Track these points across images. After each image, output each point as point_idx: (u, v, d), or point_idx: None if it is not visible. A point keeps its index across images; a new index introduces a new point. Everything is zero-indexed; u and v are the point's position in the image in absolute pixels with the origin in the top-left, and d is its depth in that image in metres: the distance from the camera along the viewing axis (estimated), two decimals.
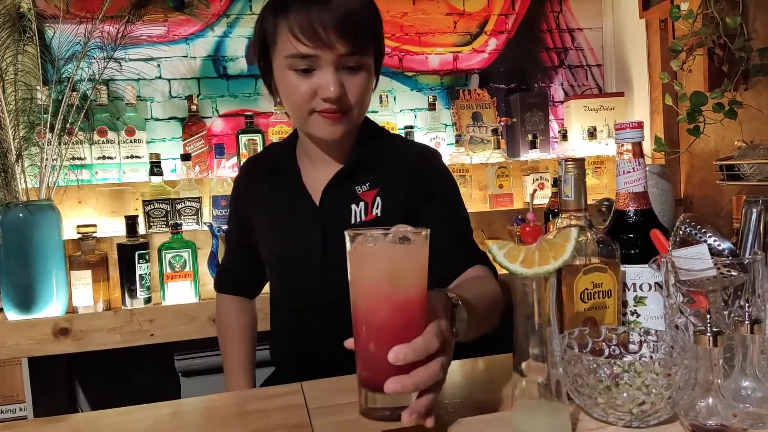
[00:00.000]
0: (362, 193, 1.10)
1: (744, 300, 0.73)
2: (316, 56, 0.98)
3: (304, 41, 0.96)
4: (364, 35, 1.01)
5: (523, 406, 0.65)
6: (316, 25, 0.95)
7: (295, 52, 0.98)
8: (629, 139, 0.84)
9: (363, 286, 0.68)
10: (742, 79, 1.88)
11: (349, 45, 0.98)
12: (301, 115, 1.04)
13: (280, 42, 1.00)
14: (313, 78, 0.99)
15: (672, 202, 2.12)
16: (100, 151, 2.03)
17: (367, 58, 1.03)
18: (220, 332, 1.31)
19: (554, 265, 0.63)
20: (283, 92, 1.06)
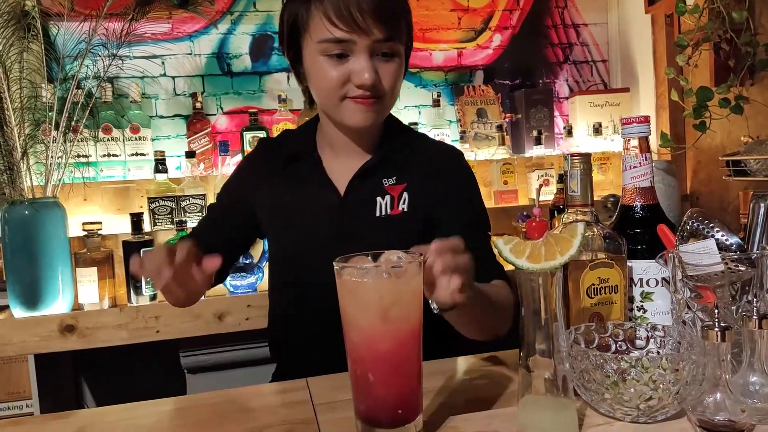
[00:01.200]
0: (389, 186, 1.08)
1: (752, 295, 0.72)
2: (351, 41, 0.95)
3: (340, 25, 0.94)
4: (399, 21, 0.99)
5: (529, 401, 0.65)
6: (352, 8, 0.93)
7: (329, 37, 0.95)
8: (636, 134, 0.83)
9: (355, 321, 0.67)
10: (748, 74, 1.87)
11: (385, 30, 0.95)
12: (331, 101, 1.01)
13: (312, 26, 0.97)
14: (347, 64, 0.97)
15: (678, 198, 2.11)
16: (105, 148, 2.03)
17: (401, 45, 1.01)
18: None
19: (561, 260, 0.62)
20: (313, 78, 1.02)
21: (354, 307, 0.66)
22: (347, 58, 0.97)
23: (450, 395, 0.82)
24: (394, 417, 0.66)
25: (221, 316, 1.76)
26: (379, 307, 0.65)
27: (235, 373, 1.83)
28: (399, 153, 1.09)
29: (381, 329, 0.65)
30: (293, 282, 1.12)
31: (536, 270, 0.63)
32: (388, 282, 0.65)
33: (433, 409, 0.77)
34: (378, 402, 0.66)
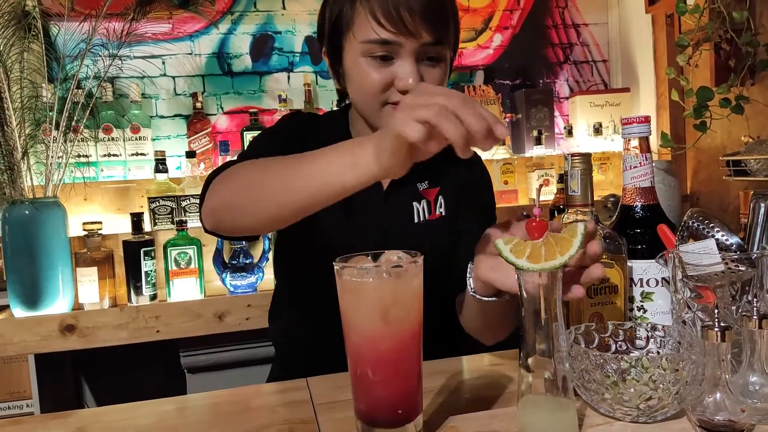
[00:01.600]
0: (424, 191, 1.05)
1: (752, 295, 0.72)
2: (397, 43, 0.89)
3: (387, 26, 0.88)
4: (449, 24, 0.94)
5: (529, 401, 0.65)
6: (401, 8, 0.87)
7: (374, 38, 0.89)
8: (636, 134, 0.83)
9: (355, 321, 0.66)
10: (748, 74, 1.87)
11: (434, 33, 0.90)
12: (370, 106, 0.96)
13: (357, 25, 0.92)
14: (391, 67, 0.91)
15: (678, 198, 2.11)
16: (106, 148, 2.03)
17: (448, 49, 0.95)
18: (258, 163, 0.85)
19: (561, 260, 0.62)
20: (353, 80, 0.96)
21: (354, 307, 0.66)
22: (391, 60, 0.91)
23: (450, 395, 0.82)
24: (394, 417, 0.66)
25: (221, 316, 1.76)
26: (379, 307, 0.65)
27: (235, 373, 1.83)
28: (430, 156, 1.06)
29: (381, 329, 0.65)
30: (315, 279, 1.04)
31: (536, 270, 0.63)
32: (389, 282, 0.65)
33: (433, 408, 0.77)
34: (378, 402, 0.66)
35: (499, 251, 0.65)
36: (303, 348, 1.12)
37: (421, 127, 0.61)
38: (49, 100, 1.83)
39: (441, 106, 0.61)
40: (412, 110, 0.62)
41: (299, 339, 1.12)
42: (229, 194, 0.84)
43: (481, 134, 0.61)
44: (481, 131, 0.61)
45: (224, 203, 0.84)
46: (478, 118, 0.61)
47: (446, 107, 0.61)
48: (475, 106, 0.62)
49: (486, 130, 0.61)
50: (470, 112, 0.61)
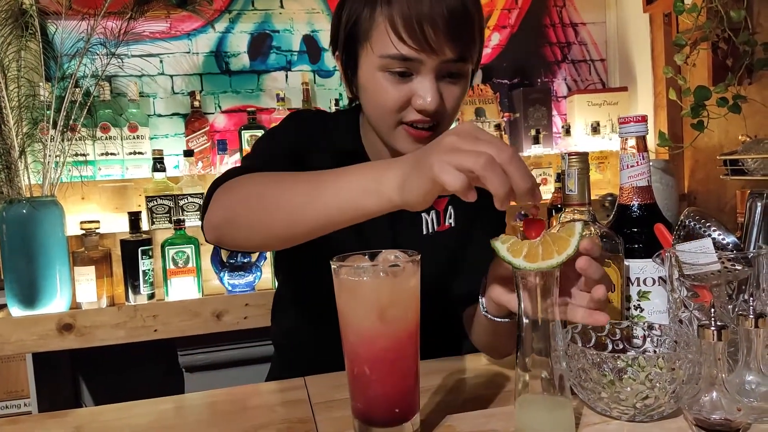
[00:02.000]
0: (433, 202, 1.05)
1: (748, 294, 0.72)
2: (419, 60, 0.84)
3: (408, 41, 0.83)
4: (475, 38, 0.88)
5: (526, 400, 0.65)
6: (425, 23, 0.81)
7: (394, 53, 0.84)
8: (633, 133, 0.83)
9: (352, 320, 0.66)
10: (746, 74, 1.88)
11: (457, 50, 0.85)
12: (385, 123, 0.91)
13: (375, 36, 0.86)
14: (409, 84, 0.87)
15: (676, 198, 2.12)
16: (103, 147, 2.03)
17: (470, 65, 0.90)
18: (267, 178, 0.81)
19: (558, 260, 0.62)
20: (369, 94, 0.91)
21: (351, 307, 0.66)
22: (410, 77, 0.87)
23: (447, 394, 0.82)
24: (391, 416, 0.66)
25: (219, 315, 1.76)
26: (376, 306, 0.65)
27: (233, 372, 1.83)
28: None
29: (378, 328, 0.65)
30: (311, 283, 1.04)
31: (534, 269, 0.62)
32: (386, 281, 0.65)
33: (430, 408, 0.77)
34: (375, 400, 0.66)
35: (496, 250, 0.65)
36: (304, 350, 1.11)
37: (464, 177, 0.58)
38: (47, 98, 1.82)
39: (490, 157, 0.58)
40: (456, 156, 0.59)
41: (301, 341, 1.12)
42: (236, 209, 0.79)
43: (525, 192, 0.59)
44: (525, 189, 0.59)
45: (230, 219, 0.80)
46: (526, 176, 0.59)
47: (495, 160, 0.58)
48: (521, 161, 0.60)
49: (530, 189, 0.59)
50: (518, 168, 0.58)
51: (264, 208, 0.75)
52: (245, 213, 0.77)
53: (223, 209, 0.81)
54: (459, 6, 0.83)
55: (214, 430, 0.77)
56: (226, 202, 0.81)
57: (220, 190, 0.83)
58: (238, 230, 0.80)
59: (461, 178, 0.58)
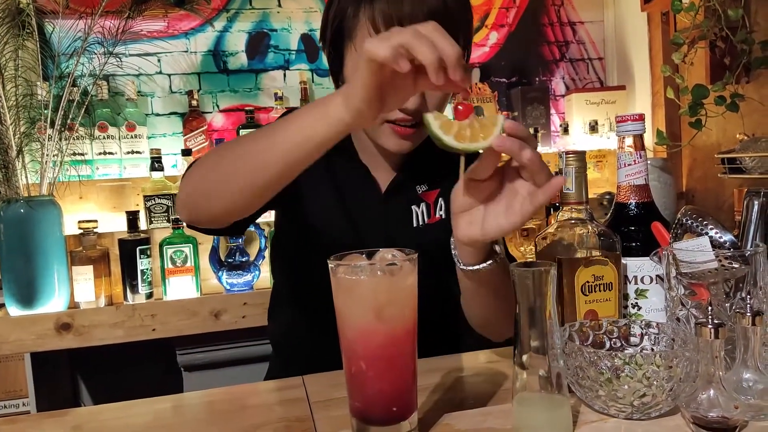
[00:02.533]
0: (423, 194, 1.03)
1: (745, 292, 0.73)
2: None
3: None
4: (459, 40, 0.86)
5: (524, 398, 0.65)
6: (405, 23, 0.81)
7: None
8: (631, 132, 0.84)
9: (350, 319, 0.67)
10: (743, 72, 1.88)
11: None
12: None
13: (359, 36, 0.88)
14: None
15: (674, 196, 2.12)
16: (101, 146, 2.03)
17: None
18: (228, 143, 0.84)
19: (483, 144, 0.65)
20: None
21: (349, 305, 0.66)
22: None
23: (445, 392, 0.82)
24: (389, 414, 0.66)
25: (217, 314, 1.76)
26: (373, 305, 0.65)
27: (232, 371, 1.83)
28: (429, 157, 1.02)
29: (376, 327, 0.65)
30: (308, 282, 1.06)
31: (461, 149, 0.65)
32: (383, 280, 0.65)
33: (428, 406, 0.77)
34: (373, 399, 0.66)
35: (427, 124, 0.66)
36: (302, 348, 1.11)
37: (390, 45, 0.60)
38: (44, 98, 1.82)
39: (415, 29, 0.61)
40: (386, 37, 0.61)
41: (298, 340, 1.12)
42: (201, 178, 0.81)
43: (453, 60, 0.60)
44: (454, 56, 0.60)
45: (196, 188, 0.81)
46: (453, 44, 0.61)
47: (420, 31, 0.61)
48: (446, 34, 0.62)
49: (459, 56, 0.61)
50: (444, 36, 0.61)
51: (226, 167, 0.76)
52: (210, 177, 0.79)
53: (189, 184, 0.83)
54: (440, 7, 0.84)
55: (213, 429, 0.77)
56: (191, 177, 0.83)
57: (187, 171, 0.86)
58: (207, 198, 0.80)
59: (388, 46, 0.60)
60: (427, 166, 1.04)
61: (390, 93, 0.65)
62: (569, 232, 0.82)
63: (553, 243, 0.82)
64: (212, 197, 0.80)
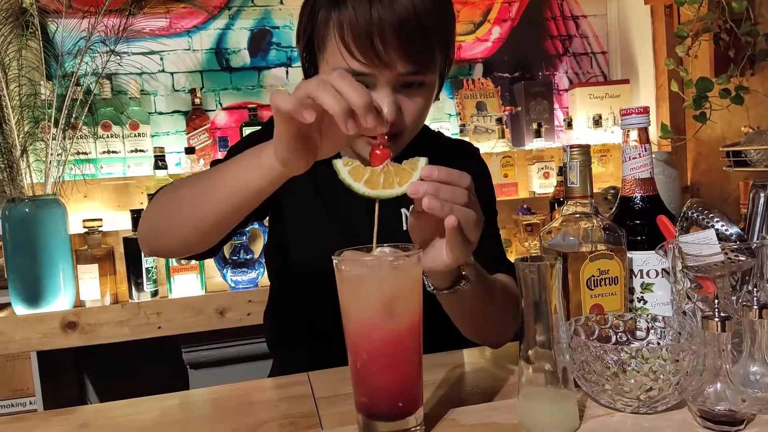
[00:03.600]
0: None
1: (752, 285, 0.72)
2: (372, 75, 0.82)
3: (359, 57, 0.80)
4: (433, 49, 0.84)
5: (529, 393, 0.65)
6: (375, 39, 0.78)
7: (345, 67, 0.81)
8: (635, 125, 0.83)
9: (355, 314, 0.66)
10: (748, 65, 1.87)
11: (413, 63, 0.81)
12: None
13: (329, 49, 0.84)
14: None
15: (679, 190, 2.11)
16: (105, 145, 2.03)
17: (433, 74, 0.87)
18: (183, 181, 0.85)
19: (398, 191, 0.63)
20: None
21: (353, 301, 0.66)
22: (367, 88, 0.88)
23: (450, 388, 0.82)
24: (395, 410, 0.66)
25: (223, 312, 1.77)
26: (378, 299, 0.65)
27: (237, 368, 1.84)
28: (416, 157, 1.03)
29: (381, 322, 0.65)
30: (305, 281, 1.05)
31: (372, 196, 0.64)
32: (388, 274, 0.65)
33: (433, 401, 0.77)
34: (378, 395, 0.66)
35: (337, 172, 0.65)
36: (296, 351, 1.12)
37: (293, 98, 0.60)
38: (48, 97, 1.82)
39: (319, 80, 0.61)
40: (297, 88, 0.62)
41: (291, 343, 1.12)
42: (155, 218, 0.84)
43: (363, 107, 0.60)
44: (362, 104, 0.60)
45: (152, 229, 0.85)
46: (359, 90, 0.60)
47: (324, 80, 0.60)
48: (353, 81, 0.61)
49: (367, 104, 0.60)
50: (350, 84, 0.60)
51: (175, 209, 0.79)
52: (162, 222, 0.82)
53: (146, 222, 0.86)
54: (411, 18, 0.79)
55: (219, 425, 0.77)
56: (147, 215, 0.86)
57: (147, 207, 0.88)
58: (163, 237, 0.84)
59: (292, 100, 0.60)
60: None
61: (324, 137, 0.66)
62: (574, 227, 0.81)
63: (558, 237, 0.82)
64: (167, 236, 0.83)
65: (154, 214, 0.85)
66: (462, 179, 0.67)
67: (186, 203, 0.78)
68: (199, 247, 0.84)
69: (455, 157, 1.08)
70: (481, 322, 0.89)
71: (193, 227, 0.78)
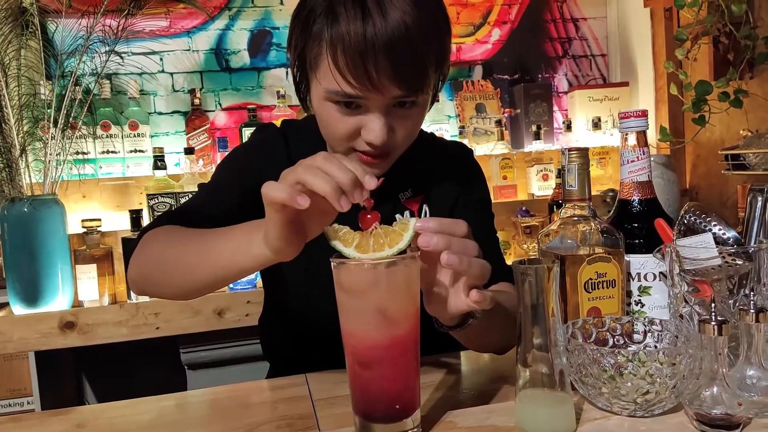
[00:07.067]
0: (406, 201, 1.01)
1: (749, 289, 0.72)
2: (365, 97, 0.82)
3: (351, 81, 0.79)
4: (427, 71, 0.83)
5: (527, 396, 0.65)
6: (368, 65, 0.77)
7: (338, 90, 0.81)
8: (634, 128, 0.83)
9: (352, 316, 0.66)
10: (747, 68, 1.87)
11: (404, 86, 0.81)
12: (337, 149, 0.90)
13: (321, 70, 0.83)
14: (358, 115, 0.84)
15: (677, 193, 2.12)
16: (104, 145, 2.03)
17: (425, 94, 0.86)
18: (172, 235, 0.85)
19: (388, 252, 0.64)
20: (319, 119, 0.90)
21: (351, 303, 0.66)
22: (359, 108, 0.84)
23: (448, 390, 0.82)
24: (392, 412, 0.66)
25: (221, 313, 1.77)
26: (376, 302, 0.65)
27: (235, 369, 1.84)
28: (411, 163, 1.00)
29: (378, 324, 0.65)
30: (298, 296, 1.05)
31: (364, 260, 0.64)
32: (386, 277, 0.65)
33: (431, 403, 0.77)
34: (375, 397, 0.66)
35: (327, 238, 0.66)
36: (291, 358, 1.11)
37: (287, 187, 0.62)
38: (47, 97, 1.82)
39: (305, 165, 0.63)
40: (283, 177, 0.64)
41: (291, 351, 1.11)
42: (145, 268, 0.86)
43: (349, 187, 0.62)
44: (348, 182, 0.62)
45: (142, 276, 0.87)
46: (344, 169, 0.62)
47: (310, 165, 0.63)
48: (339, 160, 0.63)
49: (353, 181, 0.62)
50: (334, 164, 0.62)
51: (165, 269, 0.82)
52: (152, 272, 0.85)
53: (136, 267, 0.88)
54: (403, 40, 0.78)
55: (216, 426, 0.77)
56: (139, 260, 0.87)
57: (138, 246, 0.89)
58: (152, 286, 0.87)
59: (285, 188, 0.62)
60: (409, 172, 1.01)
61: (311, 220, 0.68)
62: (572, 229, 0.81)
63: (556, 240, 0.82)
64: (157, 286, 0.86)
65: (144, 264, 0.86)
66: (458, 227, 0.68)
67: (175, 266, 0.80)
68: (190, 298, 0.86)
69: (449, 158, 1.08)
70: (487, 340, 0.88)
71: (181, 286, 0.81)
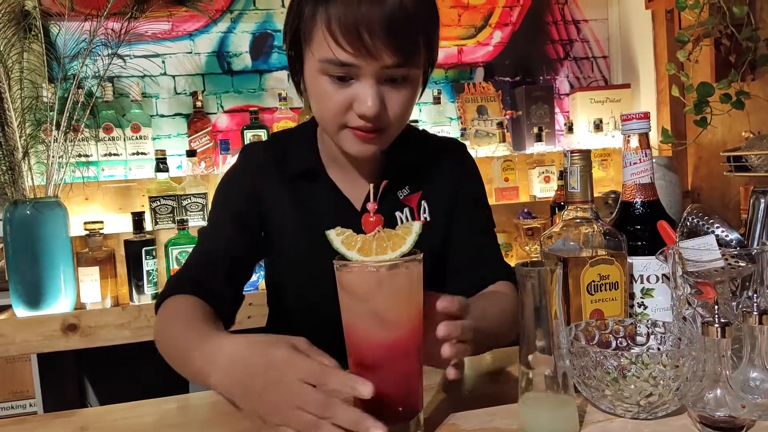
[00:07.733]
0: (405, 198, 1.02)
1: (752, 290, 0.72)
2: (357, 65, 0.83)
3: (345, 47, 0.81)
4: (418, 43, 0.85)
5: (529, 398, 0.65)
6: (361, 28, 0.79)
7: (331, 57, 0.83)
8: (636, 130, 0.83)
9: (355, 318, 0.67)
10: (749, 69, 1.87)
11: (398, 55, 0.83)
12: (330, 127, 0.91)
13: (315, 41, 0.85)
14: (350, 88, 0.85)
15: (679, 195, 2.11)
16: (106, 148, 2.03)
17: (416, 69, 0.88)
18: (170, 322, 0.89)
19: (391, 256, 0.64)
20: (313, 97, 0.91)
21: (353, 305, 0.66)
22: (351, 80, 0.85)
23: (451, 392, 0.82)
24: (395, 414, 0.66)
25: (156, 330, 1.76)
26: (379, 304, 0.65)
27: None
28: (407, 160, 1.02)
29: (381, 327, 0.65)
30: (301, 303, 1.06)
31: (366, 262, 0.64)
32: (388, 279, 0.65)
33: (434, 406, 0.77)
34: (378, 399, 0.66)
35: (330, 242, 0.66)
36: None
37: None
38: (50, 100, 1.83)
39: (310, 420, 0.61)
40: None
41: None
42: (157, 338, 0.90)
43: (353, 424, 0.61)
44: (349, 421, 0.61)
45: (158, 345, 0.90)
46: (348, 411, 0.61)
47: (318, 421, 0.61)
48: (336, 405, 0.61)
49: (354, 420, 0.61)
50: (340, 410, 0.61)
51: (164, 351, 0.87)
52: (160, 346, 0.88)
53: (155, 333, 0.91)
54: (398, 11, 0.81)
55: (218, 429, 0.77)
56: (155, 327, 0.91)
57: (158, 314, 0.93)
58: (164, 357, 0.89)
59: None
60: (406, 169, 1.02)
61: None
62: (574, 231, 0.81)
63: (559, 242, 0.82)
64: None
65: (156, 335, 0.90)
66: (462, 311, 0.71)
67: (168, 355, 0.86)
68: None
69: (443, 154, 1.08)
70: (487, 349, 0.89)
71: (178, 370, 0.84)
